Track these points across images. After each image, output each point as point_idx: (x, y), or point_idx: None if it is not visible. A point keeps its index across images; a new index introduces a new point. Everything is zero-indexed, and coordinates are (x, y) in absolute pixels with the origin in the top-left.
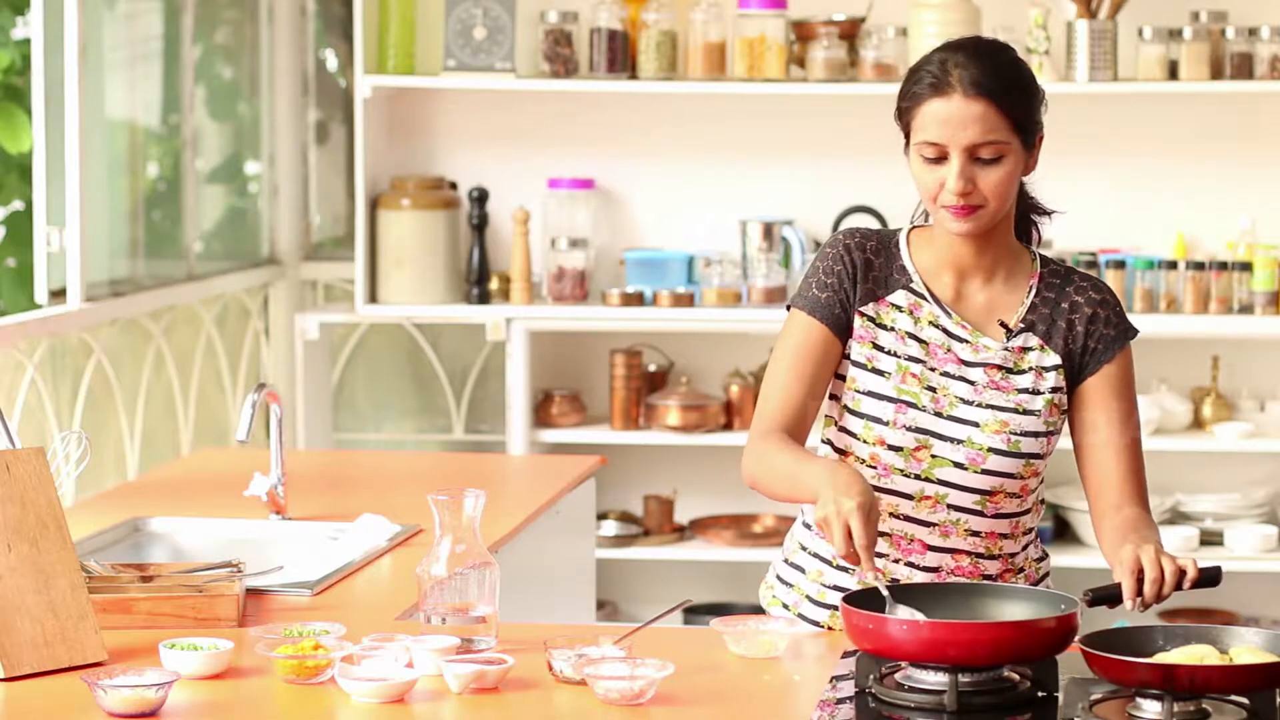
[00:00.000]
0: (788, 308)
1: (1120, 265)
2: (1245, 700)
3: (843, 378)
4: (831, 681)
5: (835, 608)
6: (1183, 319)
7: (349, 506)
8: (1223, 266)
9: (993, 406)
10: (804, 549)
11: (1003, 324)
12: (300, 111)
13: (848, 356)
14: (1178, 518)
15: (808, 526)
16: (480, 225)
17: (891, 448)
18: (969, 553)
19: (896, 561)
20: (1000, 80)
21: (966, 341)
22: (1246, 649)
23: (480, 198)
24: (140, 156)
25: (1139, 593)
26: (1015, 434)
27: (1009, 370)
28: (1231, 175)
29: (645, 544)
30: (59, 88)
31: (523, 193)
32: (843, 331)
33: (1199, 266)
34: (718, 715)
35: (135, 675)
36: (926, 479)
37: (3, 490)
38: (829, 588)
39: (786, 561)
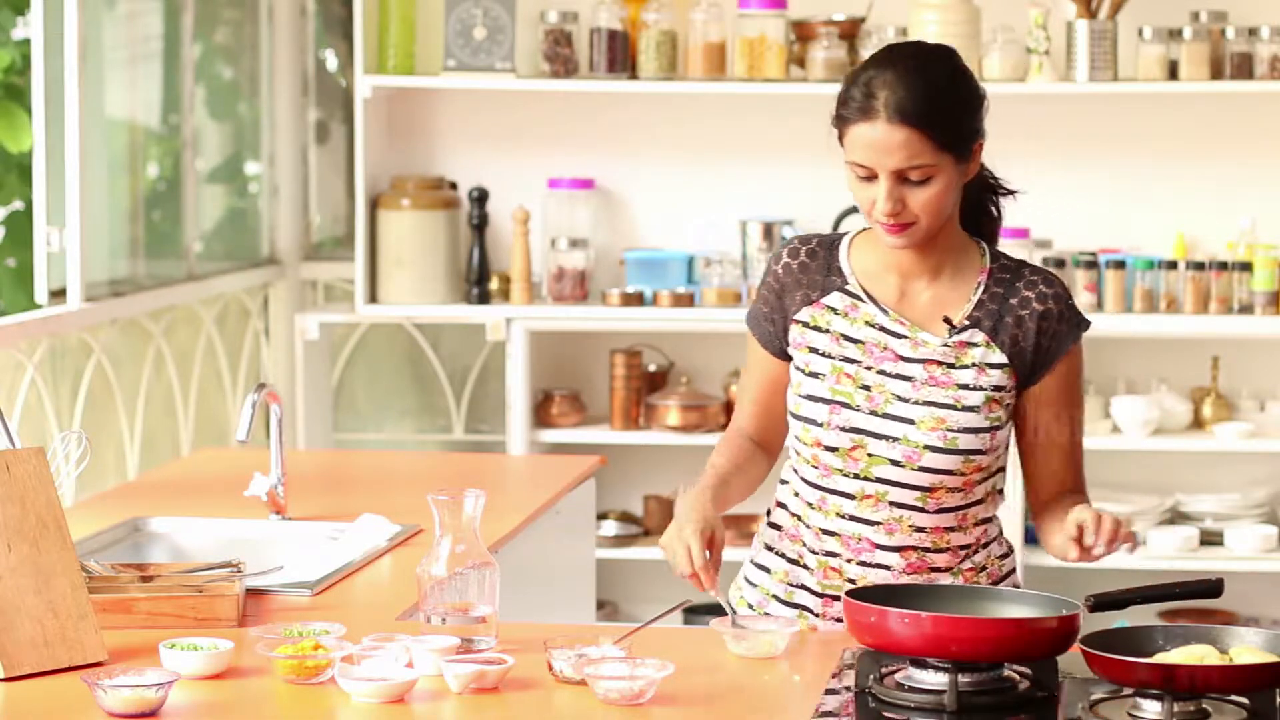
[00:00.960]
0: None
1: (1120, 265)
2: (1245, 700)
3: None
4: (831, 681)
5: (803, 607)
6: (1183, 319)
7: (349, 506)
8: (1223, 266)
9: (930, 403)
10: (769, 549)
11: (947, 320)
12: (300, 111)
13: (792, 363)
14: (1178, 518)
15: (774, 527)
16: (480, 225)
17: (828, 448)
18: (916, 548)
19: (849, 561)
20: (928, 103)
21: (905, 337)
22: (1246, 649)
23: (480, 198)
24: (140, 156)
25: (1081, 544)
26: (952, 430)
27: (949, 365)
28: (1231, 175)
29: (645, 544)
30: (59, 87)
31: (523, 193)
32: (776, 344)
33: (1199, 266)
34: (718, 715)
35: (135, 675)
36: (865, 478)
37: (3, 490)
38: (796, 587)
39: (753, 562)
